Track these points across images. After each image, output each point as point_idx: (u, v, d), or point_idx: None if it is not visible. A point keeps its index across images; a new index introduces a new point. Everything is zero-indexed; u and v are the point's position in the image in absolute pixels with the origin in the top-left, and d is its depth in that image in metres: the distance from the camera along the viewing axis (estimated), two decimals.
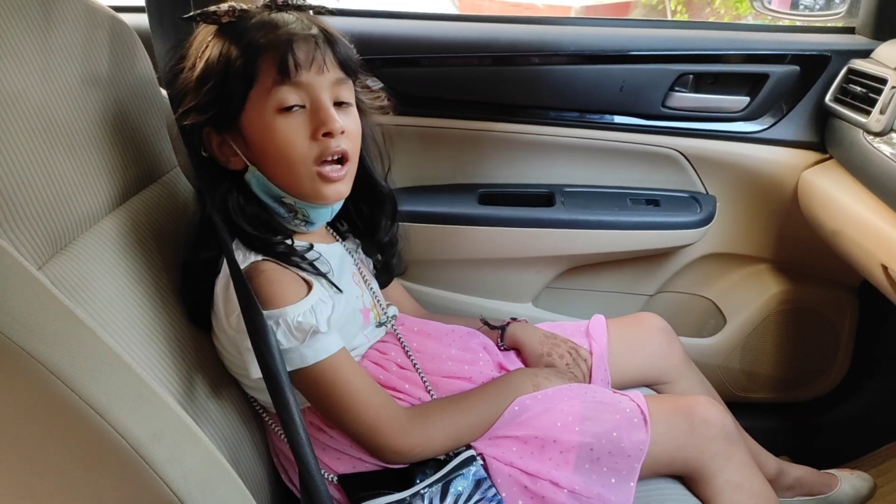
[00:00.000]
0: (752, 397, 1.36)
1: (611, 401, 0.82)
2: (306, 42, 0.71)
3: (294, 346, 0.69)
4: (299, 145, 0.71)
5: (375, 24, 1.26)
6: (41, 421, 0.52)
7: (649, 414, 0.80)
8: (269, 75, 0.70)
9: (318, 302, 0.72)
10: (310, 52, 0.71)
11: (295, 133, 0.71)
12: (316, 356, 0.71)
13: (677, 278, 1.32)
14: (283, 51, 0.70)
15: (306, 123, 0.72)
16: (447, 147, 1.26)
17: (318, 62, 0.71)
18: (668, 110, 1.20)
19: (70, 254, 0.67)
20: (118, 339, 0.66)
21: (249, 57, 0.70)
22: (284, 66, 0.70)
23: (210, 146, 0.75)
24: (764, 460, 1.07)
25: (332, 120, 0.71)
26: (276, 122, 0.71)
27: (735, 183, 1.24)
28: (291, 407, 0.66)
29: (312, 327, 0.70)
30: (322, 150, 0.72)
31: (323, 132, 0.71)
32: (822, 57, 1.16)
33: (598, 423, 0.78)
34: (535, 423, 0.79)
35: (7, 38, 0.63)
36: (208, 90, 0.71)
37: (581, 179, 1.28)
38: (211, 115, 0.72)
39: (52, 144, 0.66)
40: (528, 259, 1.26)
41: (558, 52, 1.19)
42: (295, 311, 0.70)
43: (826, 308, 1.31)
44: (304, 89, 0.71)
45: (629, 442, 0.77)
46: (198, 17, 0.73)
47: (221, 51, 0.71)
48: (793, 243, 1.26)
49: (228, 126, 0.73)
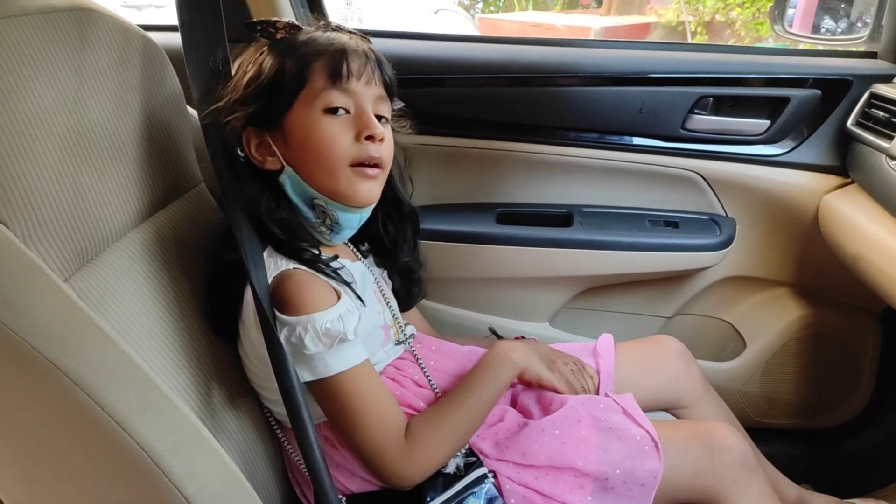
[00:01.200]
0: (772, 423, 1.34)
1: (621, 426, 0.81)
2: (359, 55, 0.76)
3: (320, 351, 0.70)
4: (341, 144, 0.74)
5: (396, 44, 1.29)
6: (64, 431, 0.53)
7: (667, 439, 0.79)
8: (321, 78, 0.74)
9: (346, 311, 0.73)
10: (362, 64, 0.76)
11: (339, 133, 0.74)
12: (340, 365, 0.71)
13: (696, 301, 1.31)
14: (337, 58, 0.74)
15: (350, 127, 0.75)
16: (466, 166, 1.27)
17: (367, 74, 0.76)
18: (687, 132, 1.20)
19: (96, 267, 0.68)
20: (140, 352, 0.67)
21: (305, 61, 0.74)
22: (338, 71, 0.74)
23: (248, 146, 0.77)
24: (784, 488, 1.05)
25: (374, 125, 0.75)
26: (321, 121, 0.74)
27: (755, 206, 1.23)
28: (306, 423, 0.67)
29: (340, 334, 0.70)
30: (360, 152, 0.75)
31: (366, 135, 0.74)
32: (843, 81, 1.15)
33: (612, 451, 0.78)
34: (549, 451, 0.78)
35: (42, 59, 0.65)
36: (257, 86, 0.74)
37: (599, 200, 1.28)
38: (255, 110, 0.75)
39: (82, 161, 0.68)
40: (545, 279, 1.26)
41: (578, 74, 1.20)
42: (324, 318, 0.71)
43: (848, 333, 1.29)
44: (352, 96, 0.75)
45: (643, 471, 0.76)
46: (258, 26, 0.77)
47: (275, 59, 0.75)
48: (814, 267, 1.25)
49: (271, 125, 0.76)
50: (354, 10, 4.04)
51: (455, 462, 0.79)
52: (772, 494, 0.82)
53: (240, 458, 0.74)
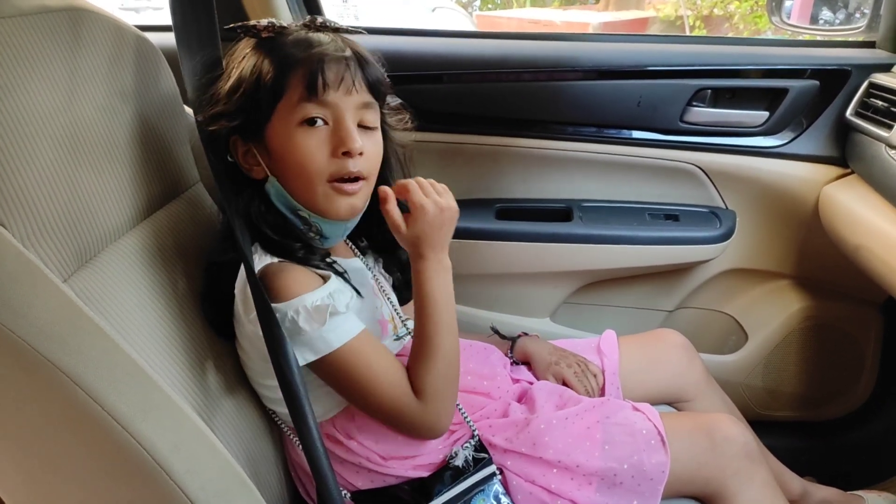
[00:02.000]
0: (774, 415, 1.34)
1: (626, 422, 0.81)
2: (337, 63, 0.73)
3: (316, 329, 0.70)
4: (317, 160, 0.72)
5: (394, 41, 1.28)
6: (66, 431, 0.53)
7: (670, 431, 0.79)
8: (297, 91, 0.72)
9: (336, 290, 0.73)
10: (339, 72, 0.73)
11: (315, 147, 0.72)
12: (339, 339, 0.71)
13: (697, 294, 1.31)
14: (313, 68, 0.72)
15: (327, 140, 0.73)
16: (465, 162, 1.27)
17: (346, 83, 0.73)
18: (686, 125, 1.20)
19: (95, 267, 0.68)
20: (140, 351, 0.67)
21: (281, 71, 0.72)
22: (313, 83, 0.71)
23: (235, 153, 0.76)
24: (788, 480, 1.05)
25: (352, 140, 0.72)
26: (297, 135, 0.72)
27: (755, 198, 1.23)
28: (308, 418, 0.67)
29: (330, 307, 0.70)
30: (338, 168, 0.73)
31: (342, 151, 0.72)
32: (842, 71, 1.15)
33: (619, 446, 0.78)
34: (556, 447, 0.78)
35: (37, 58, 0.65)
36: (238, 98, 0.73)
37: (599, 194, 1.27)
38: (239, 122, 0.74)
39: (78, 161, 0.68)
40: (546, 274, 1.26)
41: (576, 68, 1.20)
42: (313, 297, 0.70)
43: (850, 325, 1.29)
44: (330, 108, 0.73)
45: (650, 465, 0.76)
46: (239, 30, 0.75)
47: (255, 63, 0.73)
48: (815, 259, 1.25)
49: (254, 135, 0.75)
50: (351, 8, 4.03)
51: (464, 455, 0.79)
52: (775, 485, 0.82)
53: (242, 455, 0.74)
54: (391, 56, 0.82)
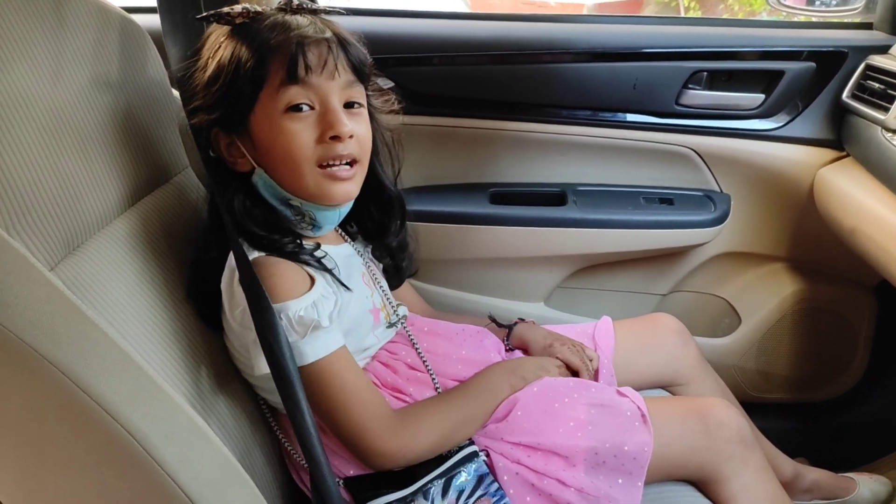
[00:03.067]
0: (767, 398, 1.35)
1: (611, 403, 0.81)
2: (318, 45, 0.71)
3: (294, 340, 0.69)
4: (305, 146, 0.71)
5: (385, 22, 1.26)
6: (54, 422, 0.53)
7: (663, 415, 0.79)
8: (279, 76, 0.70)
9: (320, 297, 0.72)
10: (322, 55, 0.71)
11: (302, 134, 0.71)
12: (315, 353, 0.70)
13: (691, 278, 1.31)
14: (293, 52, 0.69)
15: (315, 125, 0.71)
16: (458, 146, 1.26)
17: (329, 66, 0.71)
18: (681, 108, 1.19)
19: (82, 255, 0.67)
20: (129, 340, 0.66)
21: (260, 58, 0.70)
22: (294, 67, 0.69)
23: (218, 147, 0.75)
24: (780, 463, 1.05)
25: (340, 123, 0.71)
26: (283, 123, 0.70)
27: (750, 181, 1.23)
28: (302, 404, 0.66)
29: (314, 322, 0.69)
30: (326, 152, 0.72)
31: (330, 135, 0.71)
32: (838, 53, 1.14)
33: (601, 427, 0.78)
34: (537, 430, 0.78)
35: (19, 40, 0.63)
36: (217, 90, 0.71)
37: (593, 178, 1.27)
38: (219, 114, 0.72)
39: (63, 146, 0.66)
40: (540, 258, 1.25)
41: (570, 50, 1.18)
42: (297, 306, 0.69)
43: (843, 307, 1.29)
44: (314, 91, 0.71)
45: (633, 444, 0.76)
46: (212, 18, 0.73)
47: (233, 52, 0.71)
48: (809, 242, 1.25)
49: (237, 127, 0.73)
50: None
51: None
52: (769, 469, 0.83)
53: (235, 445, 0.74)
54: (383, 38, 0.81)
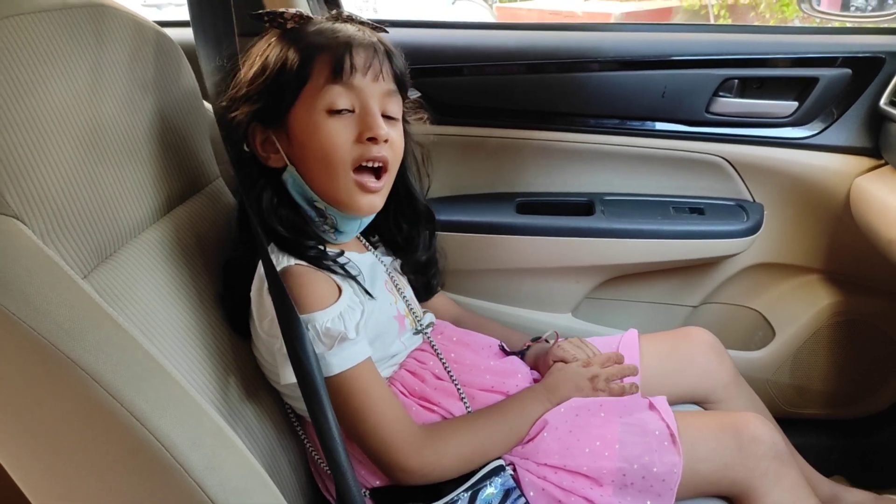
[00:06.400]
0: (803, 413, 1.31)
1: (639, 422, 0.79)
2: (365, 48, 0.73)
3: (321, 352, 0.69)
4: (342, 146, 0.72)
5: (413, 34, 1.27)
6: (84, 426, 0.54)
7: (696, 430, 0.78)
8: (323, 74, 0.71)
9: (347, 308, 0.72)
10: (368, 58, 0.73)
11: (340, 134, 0.72)
12: (341, 365, 0.70)
13: (723, 289, 1.29)
14: (340, 52, 0.71)
15: (353, 126, 0.72)
16: (486, 156, 1.26)
17: (374, 69, 0.73)
18: (712, 116, 1.17)
19: (115, 263, 0.68)
20: (159, 347, 0.67)
21: (307, 55, 0.72)
22: (340, 66, 0.71)
23: (253, 142, 0.76)
24: (816, 483, 1.02)
25: (378, 125, 0.72)
26: (322, 121, 0.72)
27: (783, 190, 1.20)
28: (328, 413, 0.66)
29: (341, 334, 0.70)
30: (363, 152, 0.72)
31: (368, 136, 0.72)
32: (875, 59, 1.11)
33: (629, 447, 0.76)
34: (564, 451, 0.77)
35: (58, 56, 0.65)
36: (262, 83, 0.73)
37: (622, 188, 1.25)
38: (260, 107, 0.73)
39: (99, 157, 0.68)
40: (568, 269, 1.24)
41: (598, 59, 1.17)
42: (324, 317, 0.70)
43: (881, 320, 1.25)
44: (356, 93, 0.72)
45: (661, 465, 0.75)
46: (265, 17, 0.75)
47: (281, 51, 0.73)
48: (845, 253, 1.21)
49: (275, 122, 0.74)
50: (370, 1, 4.02)
51: None
52: (806, 486, 0.80)
53: (261, 452, 0.74)
54: (412, 49, 0.81)
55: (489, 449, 0.77)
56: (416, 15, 3.91)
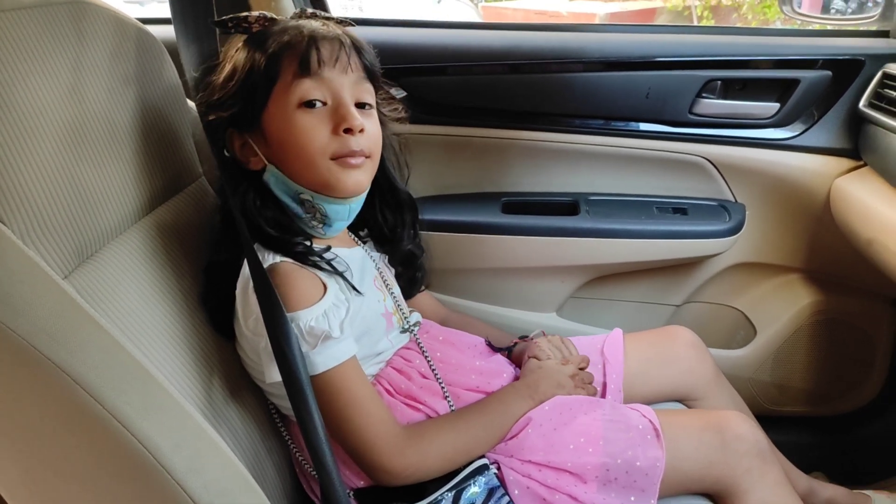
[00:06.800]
0: (783, 411, 1.33)
1: (621, 418, 0.80)
2: (330, 41, 0.73)
3: (305, 351, 0.69)
4: (319, 139, 0.72)
5: (398, 33, 1.27)
6: (65, 429, 0.53)
7: (679, 428, 0.79)
8: (291, 70, 0.72)
9: (331, 306, 0.72)
10: (334, 50, 0.73)
11: (315, 127, 0.72)
12: (326, 364, 0.70)
13: (705, 288, 1.30)
14: (306, 46, 0.71)
15: (327, 120, 0.73)
16: (470, 156, 1.26)
17: (342, 61, 0.73)
18: (695, 117, 1.18)
19: (96, 263, 0.67)
20: (142, 349, 0.66)
21: (274, 54, 0.72)
22: (306, 60, 0.71)
23: (232, 147, 0.76)
24: (794, 478, 1.03)
25: (352, 117, 0.72)
26: (297, 117, 0.72)
27: (765, 191, 1.22)
28: (313, 411, 0.66)
29: (325, 332, 0.69)
30: (340, 146, 0.73)
31: (344, 128, 0.72)
32: (855, 61, 1.13)
33: (613, 443, 0.77)
34: (548, 448, 0.77)
35: (38, 52, 0.64)
36: (232, 87, 0.73)
37: (606, 188, 1.26)
38: (233, 112, 0.73)
39: (80, 156, 0.67)
40: (552, 268, 1.24)
41: (583, 60, 1.18)
42: (308, 316, 0.69)
43: (861, 319, 1.27)
44: (326, 85, 0.72)
45: (645, 460, 0.75)
46: (228, 23, 0.75)
47: (248, 53, 0.73)
48: (825, 253, 1.23)
49: (250, 125, 0.74)
50: (355, 0, 4.01)
51: None
52: (787, 484, 0.81)
53: (245, 454, 0.73)
54: (396, 48, 0.81)
55: (472, 448, 0.77)
56: (401, 14, 3.90)
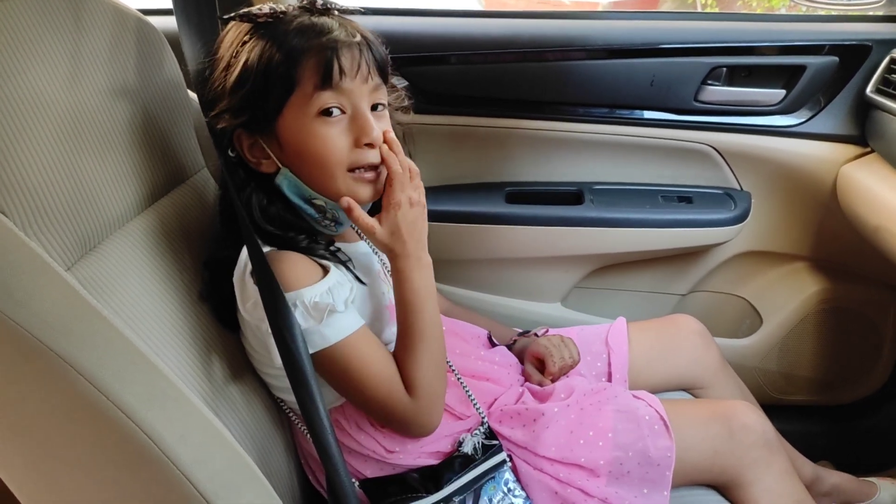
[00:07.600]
0: (789, 400, 1.33)
1: (627, 409, 0.80)
2: (351, 50, 0.70)
3: (312, 326, 0.68)
4: (339, 150, 0.71)
5: (400, 21, 1.26)
6: (70, 421, 0.53)
7: (686, 418, 0.78)
8: (312, 81, 0.69)
9: (335, 284, 0.71)
10: (355, 60, 0.71)
11: (335, 138, 0.71)
12: (337, 335, 0.69)
13: (711, 277, 1.29)
14: (328, 57, 0.69)
15: (346, 130, 0.71)
16: (474, 145, 1.25)
17: (362, 71, 0.71)
18: (700, 104, 1.17)
19: (99, 255, 0.67)
20: (146, 340, 0.66)
21: (292, 62, 0.69)
22: (329, 72, 0.69)
23: (241, 147, 0.74)
24: (800, 465, 1.03)
25: (373, 129, 0.71)
26: (316, 127, 0.70)
27: (771, 178, 1.21)
28: (316, 397, 0.65)
29: (329, 306, 0.69)
30: (359, 158, 0.72)
31: (365, 142, 0.71)
32: (862, 47, 1.11)
33: (622, 434, 0.77)
34: (559, 443, 0.77)
35: (36, 42, 0.63)
36: (245, 93, 0.70)
37: (610, 177, 1.25)
38: (246, 116, 0.71)
39: (81, 147, 0.66)
40: (557, 258, 1.24)
41: (586, 47, 1.17)
42: (311, 293, 0.69)
43: (867, 307, 1.27)
44: (346, 96, 0.71)
45: (656, 450, 0.75)
46: (236, 18, 0.72)
47: (262, 54, 0.69)
48: (832, 240, 1.22)
49: (262, 129, 0.72)
50: None
51: (472, 442, 0.78)
52: (793, 473, 0.81)
53: (251, 445, 0.73)
54: (399, 37, 0.80)
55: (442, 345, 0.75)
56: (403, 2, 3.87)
